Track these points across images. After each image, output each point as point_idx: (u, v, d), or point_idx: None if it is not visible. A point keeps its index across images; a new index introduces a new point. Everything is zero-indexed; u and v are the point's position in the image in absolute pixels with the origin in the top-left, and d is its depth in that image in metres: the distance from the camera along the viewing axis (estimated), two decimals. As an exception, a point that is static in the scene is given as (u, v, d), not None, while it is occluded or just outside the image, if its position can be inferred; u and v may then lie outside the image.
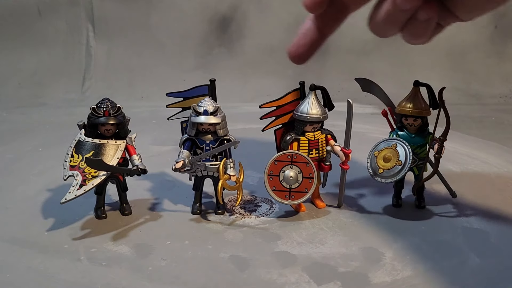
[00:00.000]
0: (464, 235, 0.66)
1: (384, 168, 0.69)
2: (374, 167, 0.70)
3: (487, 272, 0.57)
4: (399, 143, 0.69)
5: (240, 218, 0.71)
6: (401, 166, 0.68)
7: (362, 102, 1.27)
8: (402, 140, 0.70)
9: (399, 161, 0.68)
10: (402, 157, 0.68)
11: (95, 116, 0.68)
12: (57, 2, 1.59)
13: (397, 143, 0.70)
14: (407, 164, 0.68)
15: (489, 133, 1.17)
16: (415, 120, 0.70)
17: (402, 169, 0.68)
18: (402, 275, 0.57)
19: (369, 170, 0.70)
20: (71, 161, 0.67)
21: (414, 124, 0.71)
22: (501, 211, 0.73)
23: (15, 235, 0.66)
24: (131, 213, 0.73)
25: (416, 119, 0.70)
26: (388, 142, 0.70)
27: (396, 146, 0.69)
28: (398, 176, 0.68)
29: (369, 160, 0.71)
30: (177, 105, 0.75)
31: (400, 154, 0.69)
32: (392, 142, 0.70)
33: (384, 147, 0.70)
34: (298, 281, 0.56)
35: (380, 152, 0.70)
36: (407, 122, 0.71)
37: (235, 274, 0.57)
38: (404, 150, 0.69)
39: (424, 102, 0.71)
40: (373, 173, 0.70)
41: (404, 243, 0.64)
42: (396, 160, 0.69)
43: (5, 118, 1.31)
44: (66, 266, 0.59)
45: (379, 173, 0.69)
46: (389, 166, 0.69)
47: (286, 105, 0.73)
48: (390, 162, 0.69)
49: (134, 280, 0.56)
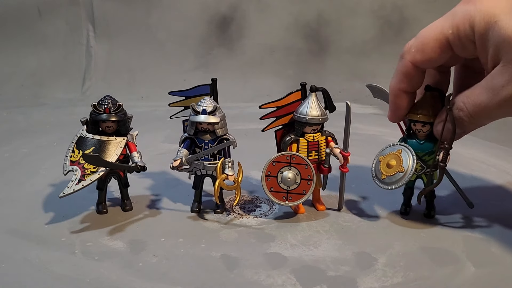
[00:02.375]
0: (464, 243, 0.64)
1: (386, 174, 0.68)
2: (377, 173, 0.69)
3: (481, 282, 0.56)
4: (404, 149, 0.68)
5: (238, 218, 0.71)
6: (403, 173, 0.66)
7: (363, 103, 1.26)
8: (408, 146, 0.68)
9: (401, 168, 0.67)
10: (405, 163, 0.67)
11: (96, 113, 0.69)
12: (57, 2, 1.61)
13: (402, 149, 0.68)
14: (409, 171, 0.66)
15: (493, 135, 1.13)
16: (423, 126, 0.68)
17: (404, 176, 0.66)
18: (391, 282, 0.56)
19: (373, 176, 0.69)
20: (71, 156, 0.69)
21: (423, 130, 0.69)
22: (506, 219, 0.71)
23: (16, 227, 0.68)
24: (132, 209, 0.74)
25: (425, 125, 0.68)
26: (394, 148, 0.69)
27: (400, 152, 0.68)
28: (399, 183, 0.66)
29: (373, 164, 0.70)
30: (179, 103, 0.75)
31: (404, 161, 0.67)
32: (397, 148, 0.69)
33: (390, 152, 0.69)
34: (284, 283, 0.55)
35: (385, 158, 0.69)
36: (415, 128, 0.69)
37: (223, 273, 0.58)
38: (408, 156, 0.67)
39: (434, 108, 0.68)
40: (376, 179, 0.69)
41: (400, 249, 0.63)
42: (399, 166, 0.67)
43: (5, 118, 1.33)
44: (60, 258, 0.60)
45: (382, 179, 0.68)
46: (391, 172, 0.67)
47: (287, 106, 0.72)
48: (392, 168, 0.68)
49: (123, 275, 0.57)
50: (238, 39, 1.60)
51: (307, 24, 1.59)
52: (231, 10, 1.59)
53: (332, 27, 1.59)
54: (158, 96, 0.97)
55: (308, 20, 1.59)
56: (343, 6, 1.60)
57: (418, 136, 0.69)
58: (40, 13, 1.59)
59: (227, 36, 1.60)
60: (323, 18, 1.59)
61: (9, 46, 1.61)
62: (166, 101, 0.75)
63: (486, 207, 0.75)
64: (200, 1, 1.60)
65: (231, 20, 1.59)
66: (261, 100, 0.75)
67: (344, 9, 1.59)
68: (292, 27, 1.59)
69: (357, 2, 1.59)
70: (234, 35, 1.60)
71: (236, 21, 1.59)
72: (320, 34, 1.60)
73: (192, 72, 1.56)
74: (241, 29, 1.60)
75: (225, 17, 1.59)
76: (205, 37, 1.61)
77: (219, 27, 1.59)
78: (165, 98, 0.74)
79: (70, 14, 1.62)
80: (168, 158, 0.72)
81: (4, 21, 1.60)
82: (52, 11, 1.61)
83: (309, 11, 1.59)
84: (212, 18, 1.60)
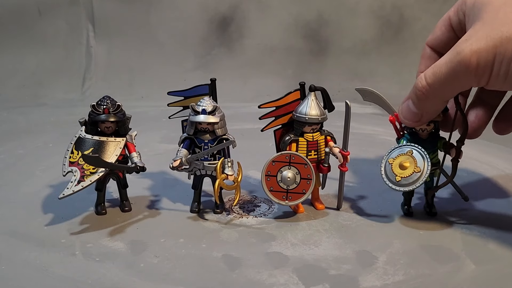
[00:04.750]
0: (462, 241, 0.65)
1: (402, 175, 0.67)
2: (390, 176, 0.68)
3: (482, 279, 0.56)
4: (414, 149, 0.67)
5: (238, 218, 0.71)
6: (420, 173, 0.66)
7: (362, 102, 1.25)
8: (417, 146, 0.67)
9: (418, 168, 0.66)
10: (420, 163, 0.66)
11: (95, 113, 0.69)
12: (57, 2, 1.61)
13: (413, 149, 0.67)
14: (425, 170, 0.66)
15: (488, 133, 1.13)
16: (428, 125, 0.68)
17: (421, 175, 0.66)
18: (392, 280, 0.56)
19: (384, 179, 0.68)
20: (70, 157, 0.69)
21: (427, 129, 0.69)
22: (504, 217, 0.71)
23: (15, 228, 0.68)
24: (131, 210, 0.74)
25: (430, 123, 0.68)
26: (402, 149, 0.68)
27: (412, 152, 0.67)
28: (417, 183, 0.66)
29: (382, 168, 0.69)
30: (178, 104, 0.75)
31: (418, 161, 0.67)
32: (406, 149, 0.68)
33: (399, 154, 0.68)
34: (286, 282, 0.55)
35: (394, 160, 0.68)
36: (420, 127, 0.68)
37: (225, 273, 0.58)
38: (421, 156, 0.67)
39: None
40: (389, 182, 0.68)
41: (400, 247, 0.63)
42: (415, 166, 0.67)
43: (5, 118, 1.33)
44: (61, 260, 0.60)
45: (397, 181, 0.67)
46: (408, 173, 0.67)
47: (286, 106, 0.72)
48: (408, 169, 0.67)
49: (125, 276, 0.57)
50: (238, 39, 1.60)
51: (307, 24, 1.59)
52: (231, 10, 1.59)
53: (332, 27, 1.59)
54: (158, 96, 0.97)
55: (308, 20, 1.59)
56: (343, 6, 1.60)
57: (421, 135, 0.69)
58: (40, 13, 1.58)
59: (227, 36, 1.60)
60: (323, 18, 1.59)
61: (9, 46, 1.61)
62: (166, 101, 0.75)
63: (482, 204, 0.75)
64: (200, 1, 1.60)
65: (231, 20, 1.59)
66: (261, 100, 0.74)
67: (344, 9, 1.60)
68: (292, 27, 1.59)
69: (357, 2, 1.59)
70: (234, 35, 1.60)
71: (236, 21, 1.59)
72: (320, 34, 1.60)
73: (192, 72, 1.55)
74: (241, 29, 1.60)
75: (225, 17, 1.59)
76: (205, 37, 1.61)
77: (219, 27, 1.59)
78: (165, 98, 0.74)
79: (70, 14, 1.62)
80: (166, 158, 0.72)
81: (4, 21, 1.60)
82: (52, 11, 1.61)
83: (309, 11, 1.59)
84: (212, 18, 1.60)
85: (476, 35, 0.54)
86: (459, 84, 0.57)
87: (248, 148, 0.82)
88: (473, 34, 0.55)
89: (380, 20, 1.58)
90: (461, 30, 0.62)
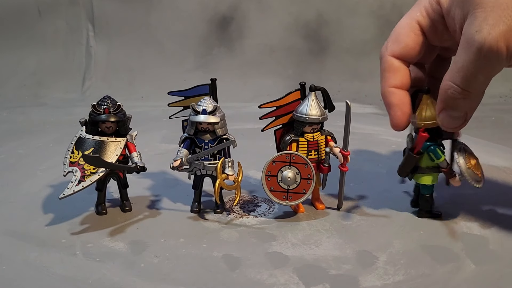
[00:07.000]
0: (462, 241, 0.65)
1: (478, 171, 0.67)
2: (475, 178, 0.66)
3: (482, 279, 0.56)
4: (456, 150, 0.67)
5: (238, 218, 0.71)
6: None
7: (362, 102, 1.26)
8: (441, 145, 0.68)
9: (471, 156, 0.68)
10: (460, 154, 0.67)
11: (96, 113, 0.69)
12: (57, 2, 1.61)
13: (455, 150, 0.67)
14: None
15: (488, 133, 1.14)
16: None
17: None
18: (393, 280, 0.56)
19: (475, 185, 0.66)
20: (71, 157, 0.69)
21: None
22: (504, 217, 0.71)
23: (15, 228, 0.68)
24: (131, 210, 0.74)
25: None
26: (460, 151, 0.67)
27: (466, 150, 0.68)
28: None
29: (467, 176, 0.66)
30: (178, 103, 0.75)
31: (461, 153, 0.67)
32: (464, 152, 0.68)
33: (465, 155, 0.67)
34: (287, 282, 0.55)
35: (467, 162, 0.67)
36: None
37: (226, 273, 0.58)
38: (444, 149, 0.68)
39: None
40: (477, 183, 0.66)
41: (400, 247, 0.63)
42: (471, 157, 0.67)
43: (5, 118, 1.33)
44: (61, 260, 0.60)
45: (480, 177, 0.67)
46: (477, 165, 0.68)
47: (287, 106, 0.72)
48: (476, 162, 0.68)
49: (125, 276, 0.57)
50: (238, 39, 1.60)
51: (307, 24, 1.59)
52: (231, 10, 1.59)
53: (332, 27, 1.59)
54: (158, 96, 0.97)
55: (308, 20, 1.59)
56: (343, 6, 1.60)
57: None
58: (40, 13, 1.58)
59: (227, 36, 1.60)
60: (323, 18, 1.59)
61: (9, 46, 1.61)
62: (166, 101, 0.75)
63: (482, 204, 0.75)
64: (200, 1, 1.60)
65: (231, 20, 1.59)
66: (261, 100, 0.75)
67: (344, 9, 1.60)
68: (292, 27, 1.59)
69: (357, 2, 1.59)
70: (234, 35, 1.60)
71: (236, 21, 1.59)
72: (320, 34, 1.60)
73: (192, 72, 1.55)
74: (241, 29, 1.60)
75: (225, 17, 1.58)
76: (205, 37, 1.60)
77: (219, 27, 1.59)
78: (165, 98, 0.74)
79: (70, 14, 1.61)
80: (167, 158, 0.72)
81: (4, 21, 1.60)
82: (52, 11, 1.61)
83: (309, 11, 1.59)
84: (212, 18, 1.60)
85: (487, 22, 0.52)
86: (494, 72, 0.56)
87: (249, 148, 0.82)
88: (483, 22, 0.52)
89: (380, 20, 1.58)
90: (435, 33, 0.61)
